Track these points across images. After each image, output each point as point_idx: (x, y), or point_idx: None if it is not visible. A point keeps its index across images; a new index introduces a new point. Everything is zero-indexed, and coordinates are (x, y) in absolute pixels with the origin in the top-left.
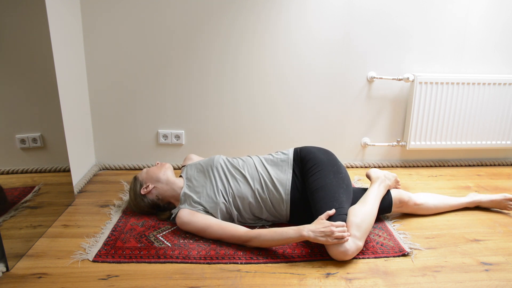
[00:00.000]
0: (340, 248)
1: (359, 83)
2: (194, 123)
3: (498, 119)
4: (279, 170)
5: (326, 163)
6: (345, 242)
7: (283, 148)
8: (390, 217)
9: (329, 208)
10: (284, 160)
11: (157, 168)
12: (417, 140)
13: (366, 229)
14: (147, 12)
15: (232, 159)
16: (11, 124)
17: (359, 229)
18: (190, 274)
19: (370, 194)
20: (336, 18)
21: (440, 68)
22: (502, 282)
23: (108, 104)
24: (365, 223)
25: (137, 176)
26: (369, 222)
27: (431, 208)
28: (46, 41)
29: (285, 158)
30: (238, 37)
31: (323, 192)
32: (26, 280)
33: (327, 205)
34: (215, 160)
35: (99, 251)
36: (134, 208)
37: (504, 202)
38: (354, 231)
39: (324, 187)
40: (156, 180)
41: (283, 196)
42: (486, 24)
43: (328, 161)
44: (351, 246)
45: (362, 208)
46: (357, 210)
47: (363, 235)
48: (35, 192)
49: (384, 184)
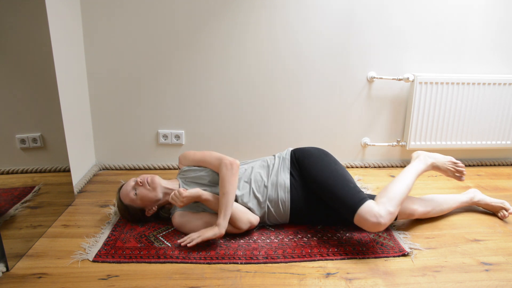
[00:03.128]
0: (372, 219)
1: (359, 83)
2: (194, 123)
3: (498, 119)
4: (276, 175)
5: (323, 156)
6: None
7: (283, 147)
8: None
9: (349, 190)
10: (280, 163)
11: (149, 192)
12: (417, 140)
13: (398, 198)
14: (147, 12)
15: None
16: (11, 124)
17: (389, 199)
18: (190, 274)
19: (404, 169)
20: (336, 18)
21: (440, 68)
22: (502, 282)
23: (108, 104)
24: (394, 192)
25: (127, 205)
26: (399, 191)
27: (436, 214)
28: (46, 41)
29: (279, 162)
30: (238, 37)
31: (334, 179)
32: (26, 280)
33: (345, 187)
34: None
35: (99, 251)
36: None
37: (499, 208)
38: (384, 199)
39: (333, 174)
40: (156, 201)
41: (285, 206)
42: (485, 24)
43: (324, 155)
44: (383, 217)
45: (394, 180)
46: (388, 184)
47: (394, 204)
48: (35, 192)
49: (425, 162)
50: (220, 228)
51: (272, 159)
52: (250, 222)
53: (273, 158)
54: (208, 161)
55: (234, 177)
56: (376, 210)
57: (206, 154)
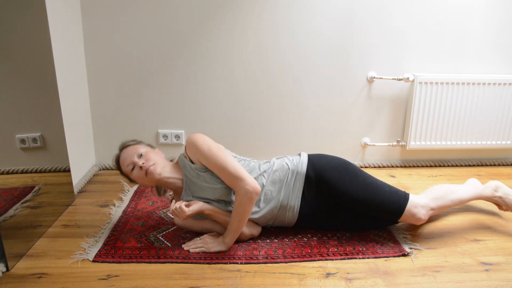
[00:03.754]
0: (419, 213)
1: (359, 83)
2: (194, 123)
3: (498, 119)
4: (285, 191)
5: (345, 172)
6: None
7: (283, 147)
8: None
9: (387, 196)
10: (293, 179)
11: (144, 179)
12: (417, 140)
13: (442, 203)
14: (147, 12)
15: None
16: (11, 124)
17: (435, 199)
18: (190, 274)
19: (470, 184)
20: (336, 18)
21: (440, 68)
22: (502, 282)
23: (108, 104)
24: (444, 199)
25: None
26: (449, 199)
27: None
28: (46, 41)
29: (292, 178)
30: (239, 37)
31: (368, 193)
32: (26, 280)
33: (382, 195)
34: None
35: (99, 251)
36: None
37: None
38: (431, 196)
39: (364, 188)
40: (149, 186)
41: (292, 214)
42: (485, 24)
43: (345, 168)
44: (421, 212)
45: (452, 189)
46: (445, 187)
47: (436, 205)
48: (35, 192)
49: (493, 192)
50: (226, 247)
51: (285, 171)
52: (252, 235)
53: (286, 168)
54: (225, 173)
55: (252, 206)
56: (421, 203)
57: (223, 162)
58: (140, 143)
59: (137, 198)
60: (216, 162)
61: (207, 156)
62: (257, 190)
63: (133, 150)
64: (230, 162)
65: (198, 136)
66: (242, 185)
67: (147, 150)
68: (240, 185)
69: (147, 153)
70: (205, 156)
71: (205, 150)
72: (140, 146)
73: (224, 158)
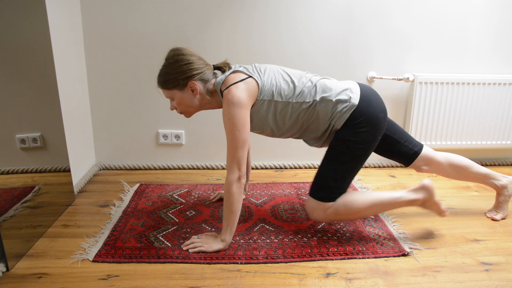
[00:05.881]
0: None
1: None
2: (194, 123)
3: (498, 119)
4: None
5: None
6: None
7: (283, 147)
8: (390, 217)
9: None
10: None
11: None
12: (417, 140)
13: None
14: (147, 12)
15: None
16: (11, 124)
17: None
18: (190, 274)
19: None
20: (336, 18)
21: (440, 68)
22: (502, 282)
23: (108, 104)
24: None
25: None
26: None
27: (468, 174)
28: (46, 41)
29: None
30: (239, 37)
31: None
32: (26, 280)
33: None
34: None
35: (99, 251)
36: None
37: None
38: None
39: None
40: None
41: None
42: (485, 24)
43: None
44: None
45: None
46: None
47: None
48: (35, 192)
49: (411, 195)
50: (225, 245)
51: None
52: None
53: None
54: (227, 150)
55: (241, 195)
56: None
57: (230, 141)
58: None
59: (137, 198)
60: (227, 136)
61: (224, 125)
62: (244, 177)
63: (164, 93)
64: (234, 146)
65: (232, 102)
66: (234, 173)
67: (173, 94)
68: (231, 172)
69: (174, 98)
70: (224, 122)
71: (225, 120)
72: (163, 91)
73: (233, 139)
